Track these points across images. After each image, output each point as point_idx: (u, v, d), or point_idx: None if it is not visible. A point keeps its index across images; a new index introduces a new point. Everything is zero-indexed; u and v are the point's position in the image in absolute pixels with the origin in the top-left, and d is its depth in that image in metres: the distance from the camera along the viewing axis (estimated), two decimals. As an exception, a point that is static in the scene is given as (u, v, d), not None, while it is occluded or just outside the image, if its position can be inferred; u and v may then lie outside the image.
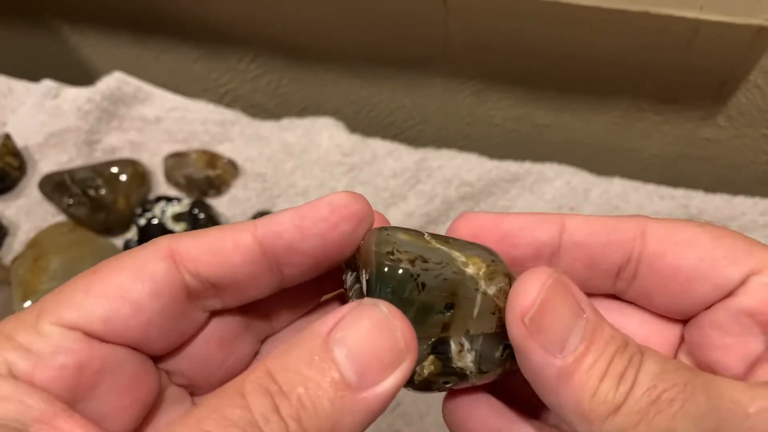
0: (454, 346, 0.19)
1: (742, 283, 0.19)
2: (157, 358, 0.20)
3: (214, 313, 0.21)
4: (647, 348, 0.18)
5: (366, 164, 0.56)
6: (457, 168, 0.55)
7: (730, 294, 0.19)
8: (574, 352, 0.17)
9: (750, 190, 0.54)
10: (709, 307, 0.20)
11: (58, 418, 0.16)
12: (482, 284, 0.19)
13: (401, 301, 0.18)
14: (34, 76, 0.60)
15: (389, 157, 0.56)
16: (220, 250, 0.19)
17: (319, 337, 0.16)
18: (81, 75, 0.70)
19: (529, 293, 0.17)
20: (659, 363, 0.17)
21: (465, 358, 0.19)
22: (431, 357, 0.19)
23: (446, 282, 0.18)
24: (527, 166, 0.55)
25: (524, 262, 0.21)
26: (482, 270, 0.19)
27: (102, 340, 0.17)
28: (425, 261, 0.19)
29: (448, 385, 0.20)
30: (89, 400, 0.17)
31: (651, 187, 0.54)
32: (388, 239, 0.19)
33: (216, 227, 0.19)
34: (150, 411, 0.20)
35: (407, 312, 0.17)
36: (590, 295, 0.22)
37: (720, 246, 0.19)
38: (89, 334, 0.17)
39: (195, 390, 0.21)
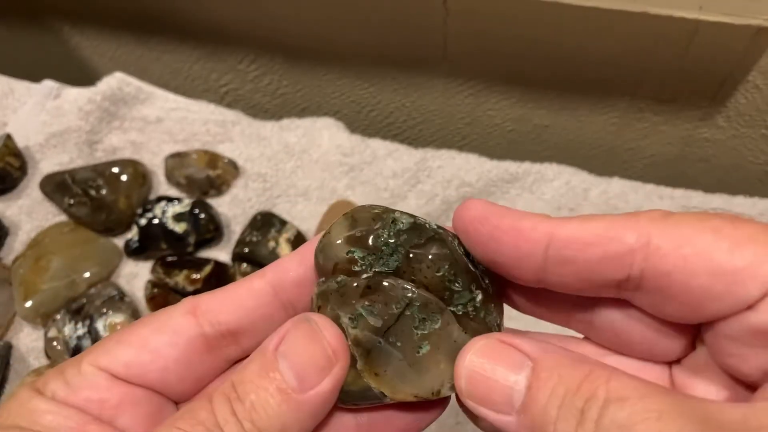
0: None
1: (763, 297, 0.17)
2: (178, 401, 0.22)
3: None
4: (615, 377, 0.16)
5: (366, 164, 0.56)
6: (456, 168, 0.55)
7: (748, 308, 0.17)
8: (522, 407, 0.17)
9: (749, 190, 0.54)
10: (726, 318, 0.18)
11: (89, 425, 0.19)
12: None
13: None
14: (35, 77, 0.60)
15: (389, 157, 0.56)
16: (235, 298, 0.21)
17: (268, 352, 0.19)
18: (82, 75, 0.71)
19: (462, 376, 0.19)
20: (626, 405, 0.16)
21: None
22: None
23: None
24: (526, 166, 0.55)
25: (509, 270, 0.20)
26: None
27: (126, 381, 0.21)
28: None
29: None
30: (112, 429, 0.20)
31: (650, 187, 0.54)
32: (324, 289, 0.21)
33: (232, 283, 0.22)
34: None
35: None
36: (594, 298, 0.20)
37: (738, 257, 0.17)
38: (115, 376, 0.20)
39: None
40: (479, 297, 0.20)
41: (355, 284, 0.20)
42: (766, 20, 0.44)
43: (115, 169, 0.53)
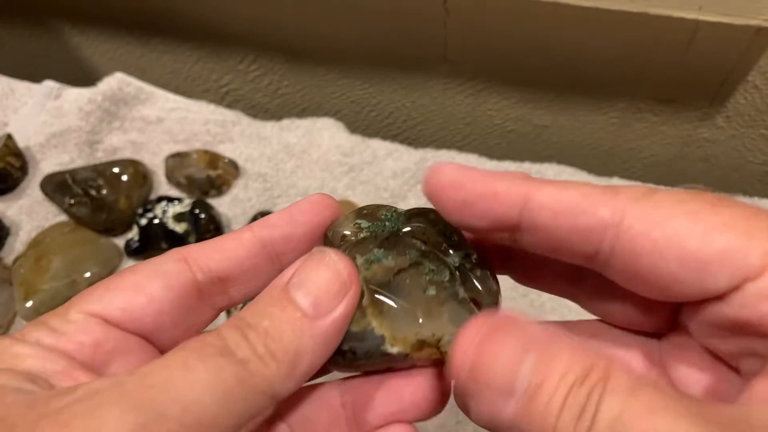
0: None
1: (735, 289, 0.16)
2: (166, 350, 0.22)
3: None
4: (615, 373, 0.16)
5: (366, 164, 0.56)
6: (456, 168, 0.55)
7: (720, 297, 0.17)
8: (525, 393, 0.16)
9: (748, 190, 0.54)
10: (699, 303, 0.18)
11: (76, 371, 0.18)
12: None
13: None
14: (35, 77, 0.60)
15: (389, 157, 0.56)
16: (224, 247, 0.22)
17: (280, 285, 0.19)
18: (82, 76, 0.71)
19: (464, 348, 0.17)
20: (620, 401, 0.15)
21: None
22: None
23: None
24: (526, 166, 0.55)
25: (484, 234, 0.20)
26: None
27: (119, 327, 0.20)
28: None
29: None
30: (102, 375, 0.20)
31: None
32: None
33: (219, 236, 0.22)
34: None
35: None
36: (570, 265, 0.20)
37: (710, 245, 0.16)
38: (108, 321, 0.20)
39: None
40: (474, 257, 0.22)
41: (375, 236, 0.22)
42: (766, 20, 0.44)
43: (116, 169, 0.53)
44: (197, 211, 0.52)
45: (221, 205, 0.55)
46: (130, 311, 0.20)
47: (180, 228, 0.51)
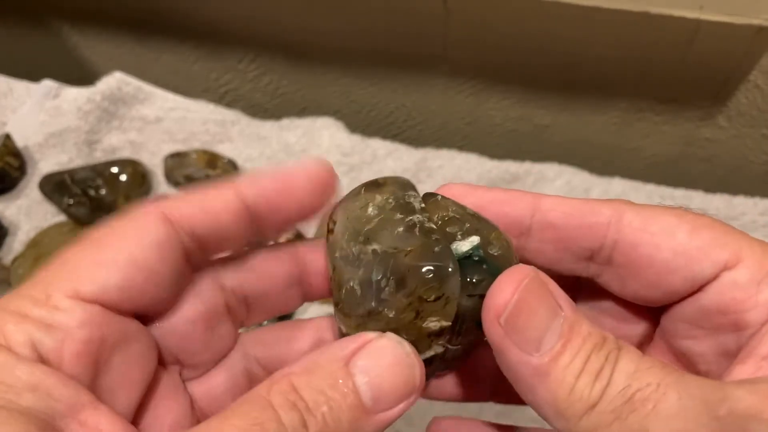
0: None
1: (714, 278, 0.19)
2: (151, 323, 0.20)
3: (202, 290, 0.21)
4: (624, 344, 0.17)
5: (366, 164, 0.56)
6: (457, 168, 0.55)
7: (700, 289, 0.19)
8: (550, 350, 0.17)
9: (750, 190, 0.54)
10: (682, 299, 0.20)
11: (84, 410, 0.16)
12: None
13: None
14: (34, 77, 0.60)
15: (389, 157, 0.56)
16: (209, 208, 0.19)
17: (341, 360, 0.17)
18: (81, 75, 0.70)
19: (504, 293, 0.17)
20: (634, 361, 0.17)
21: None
22: None
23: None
24: (527, 166, 0.55)
25: None
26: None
27: (118, 309, 0.18)
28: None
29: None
30: (105, 374, 0.18)
31: (651, 187, 0.54)
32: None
33: (199, 190, 0.20)
34: (147, 392, 0.20)
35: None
36: (562, 276, 0.21)
37: (696, 238, 0.19)
38: (107, 306, 0.18)
39: (183, 370, 0.22)
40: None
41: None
42: (767, 20, 0.44)
43: (115, 169, 0.53)
44: (196, 211, 0.52)
45: (220, 205, 0.54)
46: (130, 290, 0.18)
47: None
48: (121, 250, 0.18)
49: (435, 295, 0.18)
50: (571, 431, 0.17)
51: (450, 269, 0.18)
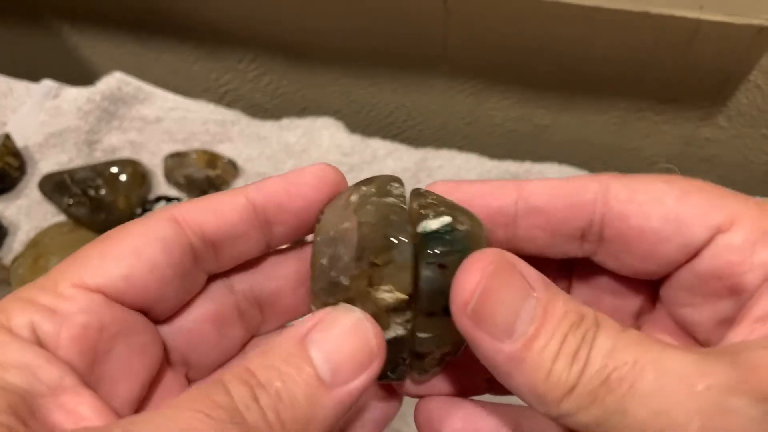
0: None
1: (708, 242, 0.18)
2: (160, 323, 0.21)
3: (213, 292, 0.22)
4: (603, 319, 0.17)
5: (366, 164, 0.56)
6: (457, 168, 0.55)
7: (695, 255, 0.19)
8: (523, 335, 0.16)
9: (750, 190, 0.54)
10: (679, 267, 0.19)
11: (66, 394, 0.16)
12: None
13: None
14: (34, 76, 0.60)
15: (389, 157, 0.56)
16: (218, 210, 0.20)
17: (296, 338, 0.17)
18: (81, 75, 0.70)
19: (469, 281, 0.17)
20: (612, 338, 0.16)
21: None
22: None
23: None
24: (527, 165, 0.55)
25: None
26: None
27: (122, 301, 0.18)
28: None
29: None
30: (105, 362, 0.18)
31: (651, 187, 0.54)
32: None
33: (210, 194, 0.21)
34: (150, 389, 0.20)
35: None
36: (558, 260, 0.21)
37: (686, 203, 0.18)
38: (110, 297, 0.18)
39: (190, 371, 0.22)
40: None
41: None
42: (767, 20, 0.44)
43: (114, 169, 0.53)
44: (196, 211, 0.52)
45: (220, 205, 0.54)
46: (133, 281, 0.18)
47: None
48: (127, 245, 0.19)
49: (383, 259, 0.18)
50: (553, 415, 0.16)
51: (402, 236, 0.18)
